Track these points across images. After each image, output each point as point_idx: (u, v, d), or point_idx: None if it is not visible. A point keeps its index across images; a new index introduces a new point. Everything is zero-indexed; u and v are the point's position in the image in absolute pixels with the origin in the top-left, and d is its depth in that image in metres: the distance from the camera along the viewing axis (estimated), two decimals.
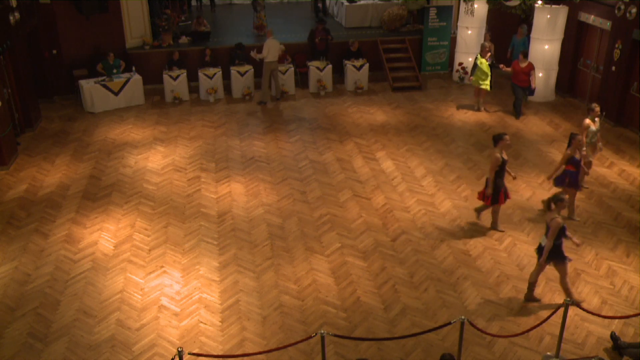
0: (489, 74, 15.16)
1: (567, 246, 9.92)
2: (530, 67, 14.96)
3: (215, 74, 16.53)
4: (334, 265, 9.54)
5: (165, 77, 16.33)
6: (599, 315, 7.91)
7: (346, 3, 19.92)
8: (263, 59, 15.86)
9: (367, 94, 17.21)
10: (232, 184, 12.07)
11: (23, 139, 14.10)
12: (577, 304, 7.75)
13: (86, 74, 16.49)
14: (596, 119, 11.13)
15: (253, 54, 16.03)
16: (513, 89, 15.39)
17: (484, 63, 15.06)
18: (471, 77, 15.47)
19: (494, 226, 10.44)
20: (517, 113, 15.29)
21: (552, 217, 8.18)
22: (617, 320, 8.22)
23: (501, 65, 15.57)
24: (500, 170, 9.88)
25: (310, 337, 7.20)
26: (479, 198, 10.37)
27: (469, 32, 17.54)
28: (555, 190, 10.60)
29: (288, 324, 8.28)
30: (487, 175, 10.15)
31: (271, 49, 15.80)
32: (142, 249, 9.96)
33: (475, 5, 16.66)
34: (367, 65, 17.29)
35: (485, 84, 15.22)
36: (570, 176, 10.20)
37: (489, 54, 15.16)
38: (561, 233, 8.16)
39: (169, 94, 16.47)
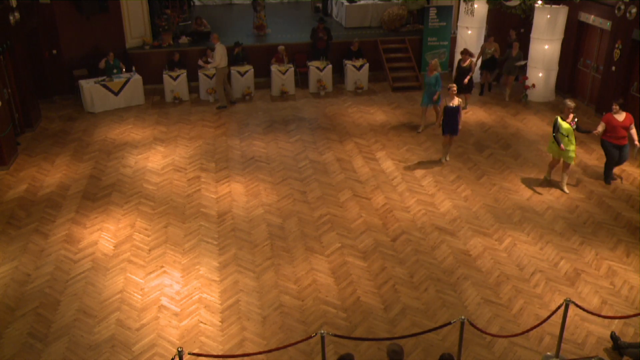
0: (574, 140, 11.34)
1: (566, 247, 9.96)
2: (630, 120, 11.45)
3: (215, 74, 16.51)
4: (334, 265, 9.54)
5: (165, 77, 16.34)
6: (599, 315, 7.91)
7: (346, 3, 19.94)
8: (216, 67, 15.70)
9: (367, 94, 17.22)
10: (232, 184, 12.07)
11: (23, 139, 14.10)
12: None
13: (86, 74, 16.50)
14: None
15: (202, 63, 15.81)
16: (605, 149, 11.77)
17: (569, 129, 11.16)
18: (562, 147, 11.15)
19: None
20: (606, 177, 11.95)
21: None
22: (617, 320, 8.22)
23: (595, 131, 11.66)
24: None
25: (310, 337, 7.19)
26: None
27: (469, 32, 17.54)
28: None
29: (288, 324, 8.28)
30: None
31: (223, 55, 15.65)
32: (142, 249, 9.96)
33: (475, 5, 16.66)
34: (367, 65, 17.30)
35: (571, 156, 11.32)
36: None
37: (572, 114, 11.23)
38: None
39: (169, 94, 16.47)
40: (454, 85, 12.43)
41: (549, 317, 7.49)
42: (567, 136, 11.11)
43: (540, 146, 13.67)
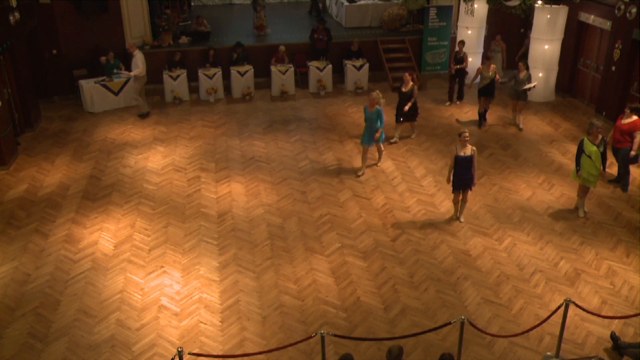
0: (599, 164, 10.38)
1: (566, 247, 9.95)
2: (635, 126, 11.16)
3: (215, 74, 16.53)
4: (334, 265, 9.54)
5: (165, 77, 16.33)
6: (599, 315, 7.91)
7: (346, 3, 19.94)
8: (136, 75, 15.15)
9: (367, 94, 17.15)
10: (232, 184, 12.07)
11: (23, 139, 14.10)
12: None
13: (86, 74, 16.49)
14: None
15: (126, 74, 15.37)
16: (613, 153, 11.71)
17: (597, 152, 10.25)
18: (579, 173, 10.47)
19: None
20: (623, 186, 11.70)
21: None
22: (617, 320, 8.22)
23: (632, 152, 11.36)
24: None
25: (310, 337, 7.19)
26: None
27: (469, 32, 17.54)
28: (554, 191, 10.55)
29: (288, 324, 8.28)
30: None
31: (144, 63, 15.20)
32: (142, 249, 9.96)
33: (475, 5, 16.66)
34: (367, 65, 17.30)
35: (593, 181, 10.52)
36: None
37: (600, 135, 10.32)
38: None
39: (169, 94, 16.47)
40: (466, 131, 10.11)
41: (549, 317, 7.49)
42: (591, 158, 10.25)
43: (540, 146, 13.68)
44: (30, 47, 15.36)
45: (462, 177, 10.20)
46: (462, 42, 15.86)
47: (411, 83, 13.56)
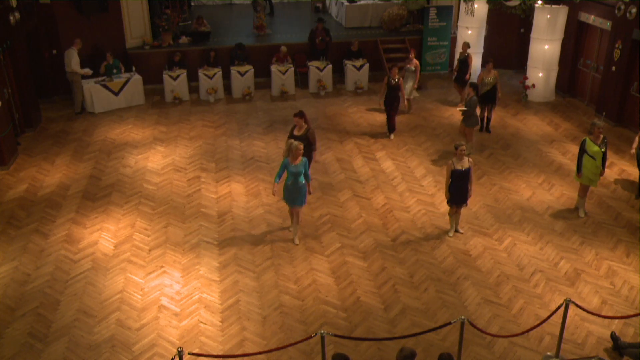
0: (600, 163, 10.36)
1: (566, 247, 9.96)
2: None
3: (215, 74, 16.53)
4: (334, 265, 9.54)
5: (165, 77, 16.33)
6: (599, 315, 7.91)
7: (346, 3, 19.94)
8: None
9: (367, 94, 17.21)
10: (232, 184, 12.07)
11: (23, 139, 14.10)
12: None
13: (89, 74, 16.46)
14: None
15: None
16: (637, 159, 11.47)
17: (599, 152, 10.26)
18: (580, 174, 10.46)
19: None
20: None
21: None
22: (617, 320, 8.23)
23: (633, 148, 11.31)
24: None
25: (310, 337, 7.19)
26: None
27: (469, 32, 17.54)
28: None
29: (288, 324, 8.28)
30: None
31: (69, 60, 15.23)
32: (142, 249, 9.96)
33: (475, 5, 16.66)
34: (367, 65, 17.30)
35: (595, 180, 10.56)
36: None
37: (601, 135, 10.31)
38: None
39: (169, 94, 16.47)
40: (463, 144, 9.82)
41: (549, 317, 7.49)
42: (594, 158, 10.23)
43: (540, 146, 13.68)
44: (30, 47, 15.35)
45: (460, 191, 9.87)
46: (400, 68, 14.26)
47: (305, 125, 10.92)
